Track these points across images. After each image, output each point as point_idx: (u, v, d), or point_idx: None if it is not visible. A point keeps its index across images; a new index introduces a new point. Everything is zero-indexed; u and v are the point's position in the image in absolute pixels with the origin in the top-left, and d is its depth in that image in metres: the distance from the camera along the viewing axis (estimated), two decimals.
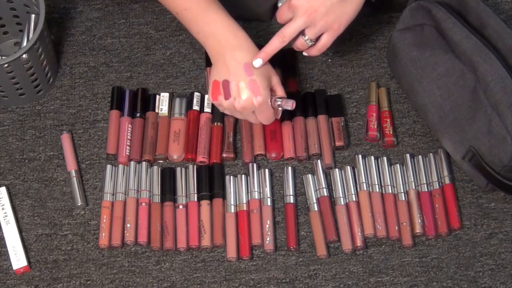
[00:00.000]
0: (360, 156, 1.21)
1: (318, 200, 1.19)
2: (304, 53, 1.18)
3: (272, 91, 1.14)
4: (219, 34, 1.12)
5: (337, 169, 1.20)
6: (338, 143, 1.22)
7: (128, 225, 1.17)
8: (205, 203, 1.18)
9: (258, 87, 1.11)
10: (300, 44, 1.15)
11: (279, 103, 1.13)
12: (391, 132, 1.23)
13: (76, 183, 1.20)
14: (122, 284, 1.15)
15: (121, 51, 1.31)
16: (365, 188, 1.19)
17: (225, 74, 1.12)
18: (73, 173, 1.21)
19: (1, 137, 1.25)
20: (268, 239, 1.16)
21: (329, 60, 1.30)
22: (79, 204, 1.19)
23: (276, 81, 1.15)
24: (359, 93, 1.27)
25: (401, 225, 1.17)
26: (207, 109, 1.25)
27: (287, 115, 1.24)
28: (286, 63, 1.28)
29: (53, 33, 1.32)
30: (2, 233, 1.17)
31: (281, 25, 1.32)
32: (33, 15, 1.22)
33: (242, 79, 1.11)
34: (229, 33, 1.12)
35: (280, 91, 1.15)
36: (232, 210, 1.18)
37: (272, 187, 1.20)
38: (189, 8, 1.12)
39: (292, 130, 1.23)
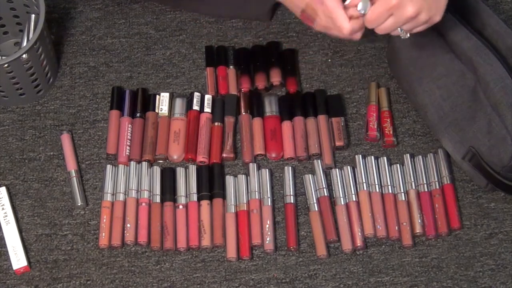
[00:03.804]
0: (360, 156, 1.21)
1: (318, 200, 1.19)
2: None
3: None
4: None
5: (337, 169, 1.20)
6: (338, 143, 1.22)
7: (128, 225, 1.17)
8: (205, 203, 1.19)
9: None
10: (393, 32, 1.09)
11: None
12: (391, 132, 1.23)
13: (76, 183, 1.20)
14: (122, 284, 1.15)
15: (121, 51, 1.31)
16: (365, 188, 1.19)
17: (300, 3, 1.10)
18: (73, 173, 1.21)
19: (1, 137, 1.25)
20: (268, 239, 1.16)
21: (329, 60, 1.30)
22: (79, 204, 1.19)
23: None
24: (359, 93, 1.27)
25: (401, 225, 1.17)
26: (207, 109, 1.25)
27: (287, 115, 1.24)
28: (286, 63, 1.28)
29: (53, 33, 1.32)
30: (2, 233, 1.17)
31: (280, 26, 1.33)
32: (33, 15, 1.22)
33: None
34: None
35: None
36: (232, 210, 1.18)
37: (272, 187, 1.20)
38: None
39: (292, 130, 1.23)
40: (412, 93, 1.22)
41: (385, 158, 1.21)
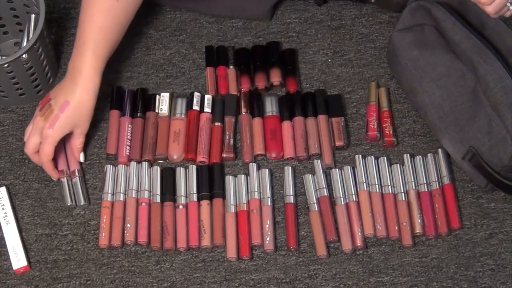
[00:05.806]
0: (360, 156, 1.21)
1: (318, 200, 1.19)
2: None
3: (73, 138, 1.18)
4: (82, 66, 1.14)
5: (337, 169, 1.20)
6: (338, 143, 1.22)
7: (128, 225, 1.17)
8: (205, 203, 1.18)
9: (56, 122, 1.14)
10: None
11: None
12: (391, 132, 1.23)
13: (79, 182, 1.20)
14: (122, 284, 1.15)
15: (121, 51, 1.30)
16: (365, 188, 1.19)
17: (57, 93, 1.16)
18: (76, 173, 1.20)
19: (1, 137, 1.25)
20: (268, 239, 1.16)
21: (329, 60, 1.30)
22: (82, 204, 1.19)
23: (80, 131, 1.17)
24: (359, 93, 1.27)
25: (401, 225, 1.17)
26: (207, 109, 1.25)
27: (287, 115, 1.24)
28: (286, 63, 1.28)
29: (53, 33, 1.32)
30: (2, 233, 1.17)
31: (280, 26, 1.33)
32: (33, 15, 1.22)
33: (56, 108, 1.14)
34: (84, 75, 1.14)
35: (78, 141, 1.18)
36: (232, 210, 1.18)
37: (272, 187, 1.20)
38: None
39: (292, 130, 1.23)
40: (412, 93, 1.22)
41: (385, 158, 1.21)
